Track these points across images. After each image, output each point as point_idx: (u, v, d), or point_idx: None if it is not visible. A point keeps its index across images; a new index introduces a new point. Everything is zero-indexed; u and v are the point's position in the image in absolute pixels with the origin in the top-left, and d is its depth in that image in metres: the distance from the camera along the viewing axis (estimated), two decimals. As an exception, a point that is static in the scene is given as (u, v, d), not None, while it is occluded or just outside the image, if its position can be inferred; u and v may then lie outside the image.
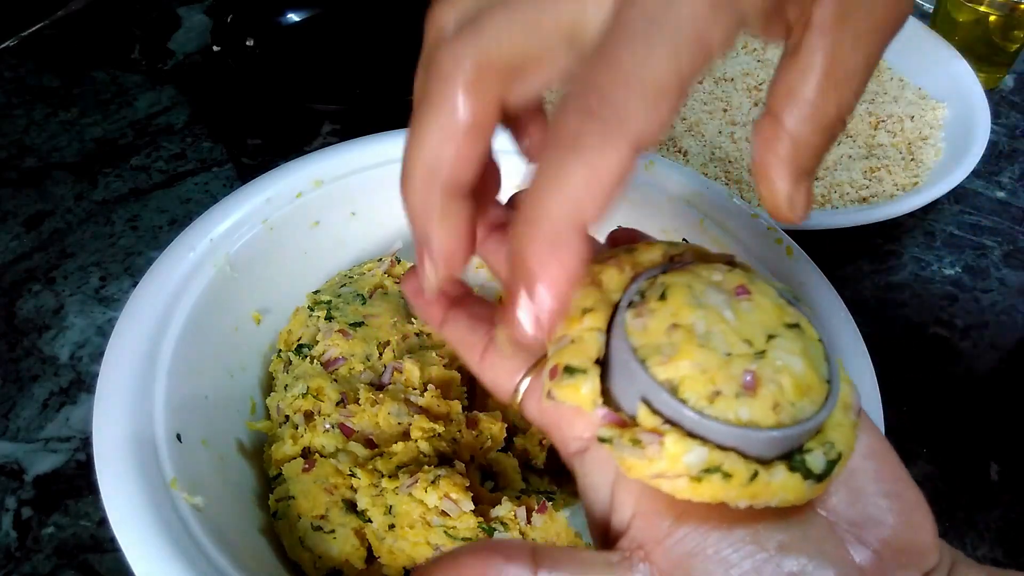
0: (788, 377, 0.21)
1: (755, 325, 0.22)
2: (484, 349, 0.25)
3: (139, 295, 0.38)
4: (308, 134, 0.67)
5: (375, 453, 0.38)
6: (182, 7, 0.81)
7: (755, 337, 0.22)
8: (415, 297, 0.27)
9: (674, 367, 0.21)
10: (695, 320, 0.21)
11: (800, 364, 0.21)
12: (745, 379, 0.21)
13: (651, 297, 0.23)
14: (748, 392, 0.21)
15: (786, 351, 0.21)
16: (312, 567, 0.35)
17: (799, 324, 0.22)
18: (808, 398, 0.21)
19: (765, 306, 0.22)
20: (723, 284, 0.23)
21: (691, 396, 0.21)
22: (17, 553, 0.42)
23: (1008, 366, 0.53)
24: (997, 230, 0.63)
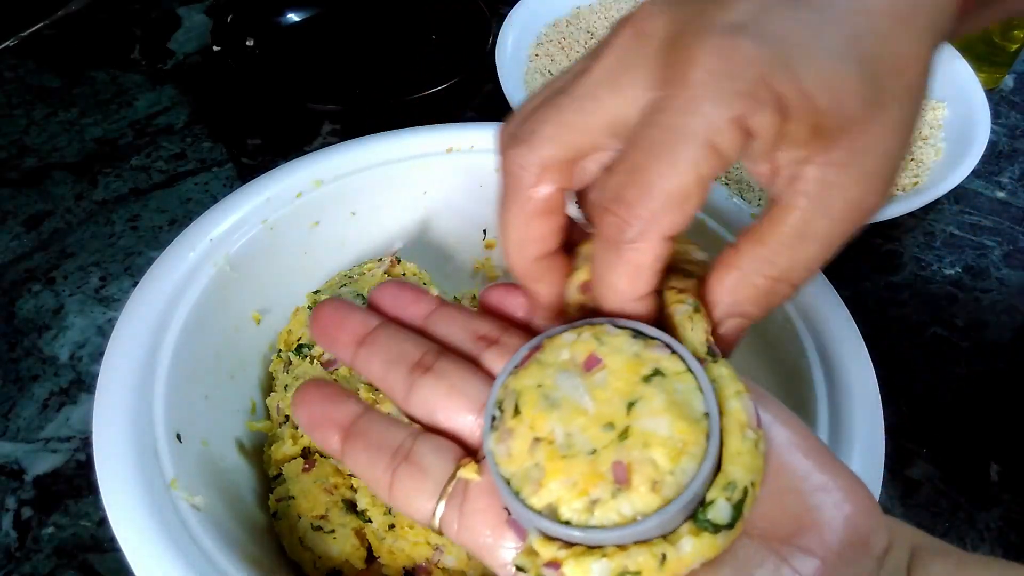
0: (658, 448, 0.21)
1: (613, 399, 0.22)
2: (391, 480, 0.25)
3: (139, 295, 0.38)
4: (308, 134, 0.67)
5: (375, 453, 0.38)
6: (182, 7, 0.80)
7: (616, 415, 0.22)
8: (310, 426, 0.27)
9: (546, 492, 0.21)
10: (553, 426, 0.22)
11: (666, 424, 0.21)
12: (616, 474, 0.21)
13: (507, 412, 0.23)
14: (623, 485, 0.21)
15: (649, 415, 0.22)
16: (312, 567, 0.35)
17: (658, 369, 0.23)
18: (687, 455, 0.21)
19: (618, 368, 0.23)
20: (572, 362, 0.23)
21: (571, 514, 0.21)
22: (17, 553, 0.42)
23: (1008, 366, 0.53)
24: (997, 230, 0.63)
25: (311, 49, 0.74)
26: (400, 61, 0.73)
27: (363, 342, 0.27)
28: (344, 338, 0.28)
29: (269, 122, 0.68)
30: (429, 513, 0.25)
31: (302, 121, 0.68)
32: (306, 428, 0.27)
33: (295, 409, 0.27)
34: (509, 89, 0.64)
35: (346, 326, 0.28)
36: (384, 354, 0.27)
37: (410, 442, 0.26)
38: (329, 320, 0.28)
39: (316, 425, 0.26)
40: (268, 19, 0.76)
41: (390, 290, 0.29)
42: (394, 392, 0.27)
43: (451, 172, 0.47)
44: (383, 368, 0.27)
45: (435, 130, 0.47)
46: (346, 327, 0.28)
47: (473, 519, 0.24)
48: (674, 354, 0.23)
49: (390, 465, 0.25)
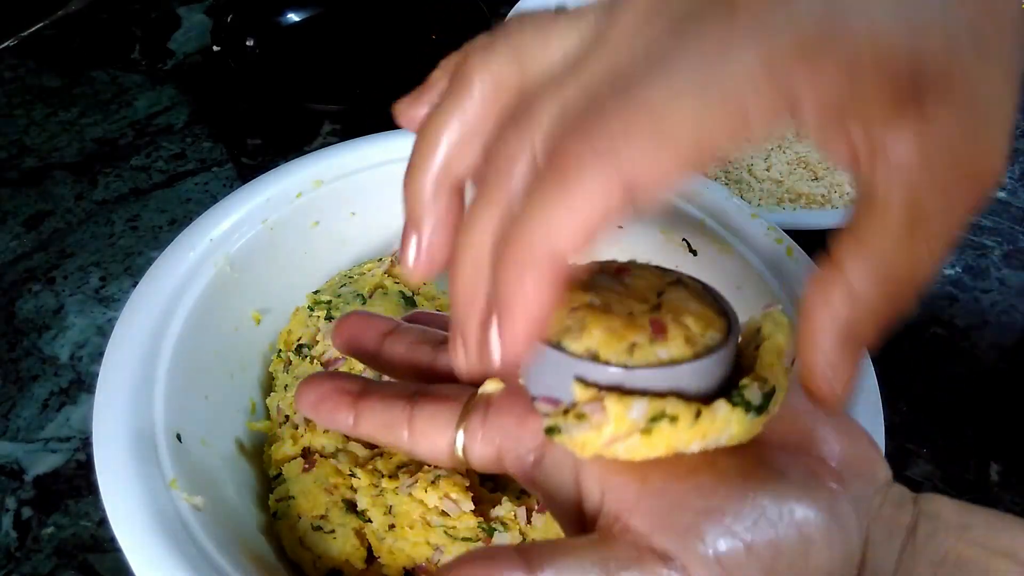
0: (689, 316, 0.23)
1: (644, 289, 0.24)
2: (409, 423, 0.25)
3: (139, 295, 0.38)
4: (308, 134, 0.67)
5: (375, 453, 0.38)
6: (182, 7, 0.80)
7: (648, 296, 0.23)
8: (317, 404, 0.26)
9: (588, 337, 0.22)
10: (590, 300, 0.23)
11: (695, 304, 0.23)
12: (654, 326, 0.22)
13: None
14: (660, 336, 0.22)
15: (679, 299, 0.23)
16: (312, 567, 0.35)
17: (680, 280, 0.25)
18: (713, 329, 0.23)
19: (646, 275, 0.24)
20: (605, 268, 0.25)
21: (612, 356, 0.22)
22: (17, 553, 0.42)
23: (1008, 366, 0.53)
24: (997, 230, 0.63)
25: (311, 49, 0.74)
26: (400, 61, 0.73)
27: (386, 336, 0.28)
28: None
29: (269, 122, 0.68)
30: (450, 442, 0.24)
31: (302, 121, 0.68)
32: (313, 408, 0.26)
33: (299, 398, 0.26)
34: (509, 89, 0.64)
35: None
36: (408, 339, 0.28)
37: (425, 388, 0.26)
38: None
39: (324, 399, 0.26)
40: (268, 19, 0.76)
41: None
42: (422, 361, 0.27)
43: (451, 172, 0.47)
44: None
45: (435, 130, 0.47)
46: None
47: (498, 420, 0.24)
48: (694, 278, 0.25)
49: (407, 406, 0.25)
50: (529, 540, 0.35)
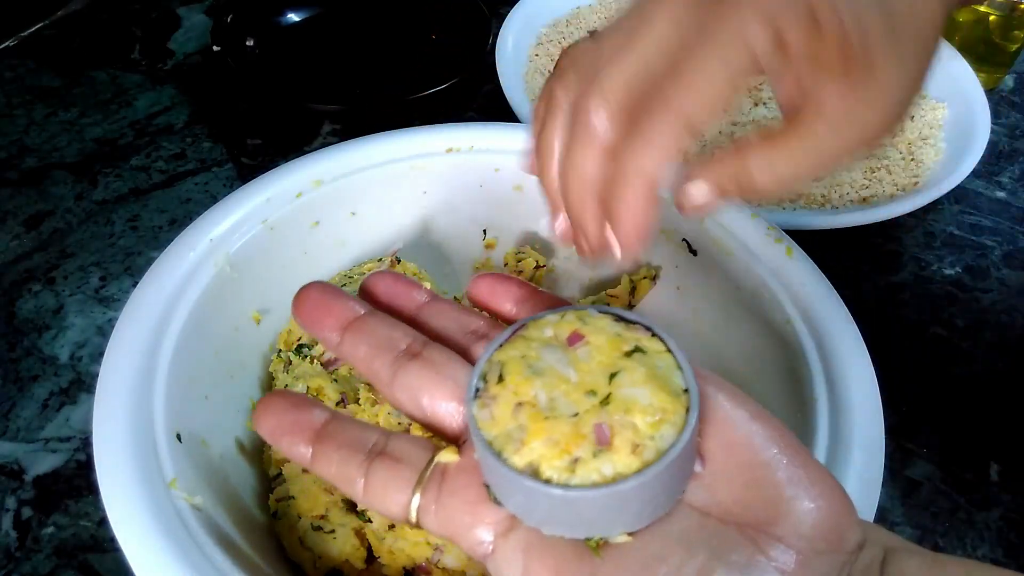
0: (639, 414, 0.22)
1: (595, 371, 0.23)
2: (365, 475, 0.24)
3: (139, 295, 0.38)
4: (308, 134, 0.67)
5: (375, 453, 0.38)
6: (182, 7, 0.81)
7: (598, 384, 0.22)
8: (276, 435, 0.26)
9: (528, 451, 0.22)
10: (536, 392, 0.22)
11: (647, 394, 0.22)
12: (598, 435, 0.21)
13: (491, 381, 0.23)
14: (604, 446, 0.21)
15: (630, 384, 0.22)
16: (312, 567, 0.36)
17: (638, 347, 0.23)
18: (668, 423, 0.22)
19: (601, 344, 0.23)
20: (556, 339, 0.24)
21: (554, 474, 0.21)
22: (17, 553, 0.42)
23: (1008, 366, 0.53)
24: (997, 230, 0.63)
25: (311, 49, 0.74)
26: (400, 61, 0.73)
27: (350, 327, 0.27)
28: (329, 322, 0.27)
29: (269, 122, 0.68)
30: (405, 505, 0.24)
31: (302, 121, 0.68)
32: (271, 437, 0.26)
33: (257, 421, 0.26)
34: (509, 89, 0.64)
35: (333, 310, 0.27)
36: (371, 340, 0.27)
37: (384, 440, 0.25)
38: (314, 304, 0.27)
39: (283, 432, 0.25)
40: (268, 19, 0.76)
41: (384, 280, 0.29)
42: (379, 377, 0.26)
43: (451, 172, 0.47)
44: (370, 353, 0.26)
45: (435, 130, 0.47)
46: (333, 311, 0.27)
47: (452, 500, 0.24)
48: (655, 336, 0.24)
49: (364, 461, 0.25)
50: (529, 540, 0.35)
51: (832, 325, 0.38)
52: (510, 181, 0.48)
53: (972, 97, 0.67)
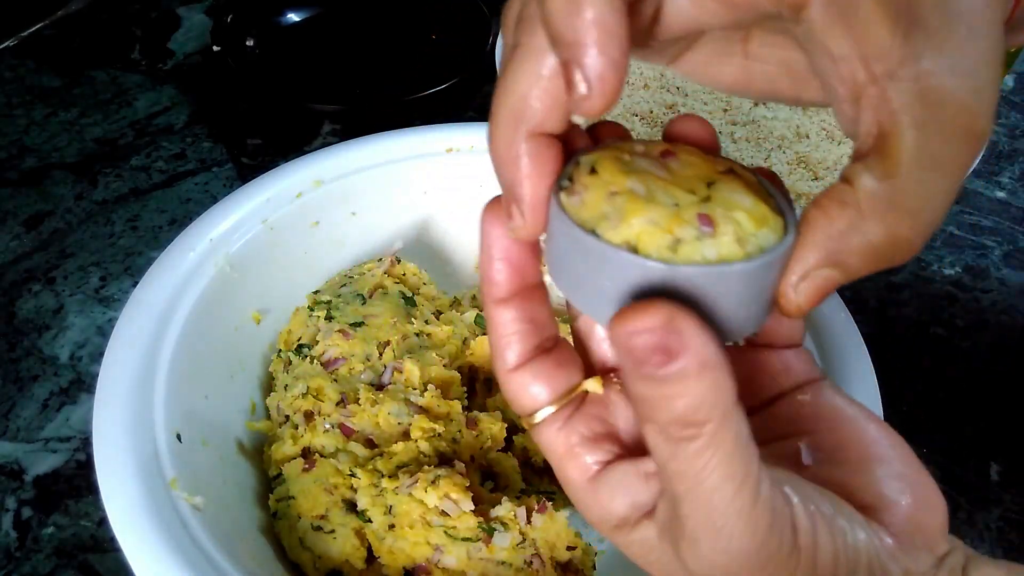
0: (741, 212, 0.20)
1: (691, 178, 0.21)
2: (522, 363, 0.24)
3: (139, 295, 0.38)
4: (308, 134, 0.67)
5: (375, 453, 0.38)
6: (182, 7, 0.81)
7: (696, 186, 0.21)
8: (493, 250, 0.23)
9: (627, 227, 0.20)
10: (632, 184, 0.20)
11: (748, 199, 0.20)
12: (701, 220, 0.20)
13: (580, 175, 0.21)
14: (708, 233, 0.19)
15: (730, 191, 0.21)
16: (312, 567, 0.35)
17: (732, 169, 0.22)
18: (768, 227, 0.20)
19: (694, 161, 0.22)
20: (648, 151, 0.22)
21: (653, 251, 0.19)
22: (17, 553, 0.42)
23: (1008, 366, 0.53)
24: (997, 230, 0.63)
25: (311, 49, 0.74)
26: (400, 61, 0.73)
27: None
28: None
29: (269, 122, 0.68)
30: (537, 407, 0.24)
31: (302, 121, 0.68)
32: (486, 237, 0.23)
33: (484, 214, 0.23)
34: (509, 89, 0.64)
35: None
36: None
37: (553, 342, 0.24)
38: None
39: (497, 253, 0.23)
40: (268, 19, 0.76)
41: None
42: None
43: (451, 172, 0.47)
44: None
45: (435, 130, 0.47)
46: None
47: (571, 434, 0.24)
48: (746, 167, 0.22)
49: (532, 352, 0.24)
50: (529, 540, 0.35)
51: (832, 325, 0.38)
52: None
53: (972, 97, 0.67)
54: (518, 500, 0.36)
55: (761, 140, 0.65)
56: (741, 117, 0.67)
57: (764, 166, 0.62)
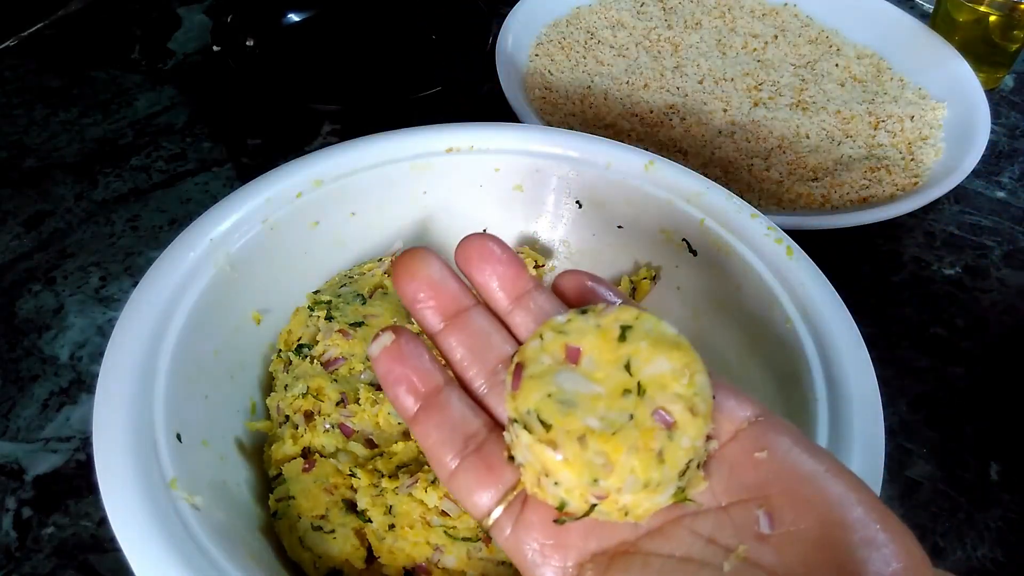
0: (673, 382, 0.24)
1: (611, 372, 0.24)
2: (455, 469, 0.25)
3: (139, 295, 0.38)
4: (308, 134, 0.67)
5: (375, 453, 0.38)
6: (182, 7, 0.81)
7: (624, 381, 0.24)
8: (388, 381, 0.26)
9: (621, 470, 0.23)
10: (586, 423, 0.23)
11: (665, 362, 0.24)
12: (662, 422, 0.23)
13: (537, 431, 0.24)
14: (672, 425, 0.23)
15: (647, 364, 0.24)
16: (312, 567, 0.35)
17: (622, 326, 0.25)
18: (697, 372, 0.24)
19: (594, 345, 0.25)
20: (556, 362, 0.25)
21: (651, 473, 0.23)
22: (17, 553, 0.42)
23: (1008, 366, 0.53)
24: (997, 230, 0.63)
25: (311, 49, 0.74)
26: (400, 61, 0.73)
27: (453, 320, 0.27)
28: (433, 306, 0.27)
29: (269, 122, 0.68)
30: (484, 512, 0.25)
31: (302, 121, 0.68)
32: (383, 379, 0.26)
33: (376, 357, 0.26)
34: (509, 89, 0.64)
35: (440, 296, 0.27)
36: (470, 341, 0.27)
37: (484, 434, 0.26)
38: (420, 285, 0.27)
39: (395, 382, 0.26)
40: (268, 19, 0.76)
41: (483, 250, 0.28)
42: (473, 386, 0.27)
43: (451, 172, 0.47)
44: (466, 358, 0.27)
45: (435, 130, 0.47)
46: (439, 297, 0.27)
47: (527, 532, 0.24)
48: (618, 305, 0.26)
49: (460, 452, 0.25)
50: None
51: (832, 325, 0.38)
52: (510, 181, 0.48)
53: (972, 97, 0.67)
54: (518, 500, 0.36)
55: (761, 140, 0.65)
56: (741, 117, 0.67)
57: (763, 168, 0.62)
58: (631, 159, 0.46)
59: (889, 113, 0.68)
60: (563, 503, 0.24)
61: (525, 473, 0.24)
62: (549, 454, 0.23)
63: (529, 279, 0.28)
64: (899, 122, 0.67)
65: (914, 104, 0.69)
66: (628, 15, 0.77)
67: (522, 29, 0.72)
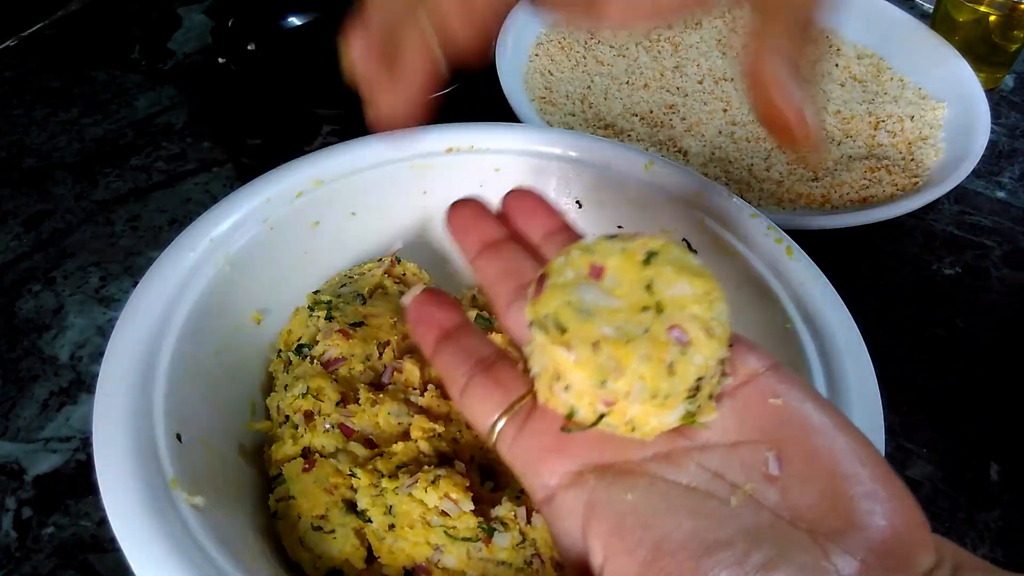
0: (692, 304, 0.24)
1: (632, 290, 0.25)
2: (465, 385, 0.27)
3: (139, 295, 0.38)
4: (308, 135, 0.67)
5: (375, 453, 0.38)
6: (182, 7, 0.81)
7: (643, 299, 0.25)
8: (414, 322, 0.28)
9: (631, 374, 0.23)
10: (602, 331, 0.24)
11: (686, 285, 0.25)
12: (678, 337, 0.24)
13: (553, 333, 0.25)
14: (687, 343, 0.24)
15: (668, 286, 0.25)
16: (312, 567, 0.35)
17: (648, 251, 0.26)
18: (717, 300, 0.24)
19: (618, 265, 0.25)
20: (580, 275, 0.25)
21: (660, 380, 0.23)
22: (17, 553, 0.42)
23: (1008, 367, 0.53)
24: (997, 230, 0.63)
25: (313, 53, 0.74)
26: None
27: (488, 247, 0.30)
28: (472, 239, 0.30)
29: (269, 122, 0.68)
30: (489, 424, 0.26)
31: (302, 122, 0.68)
32: (411, 324, 0.29)
33: (408, 304, 0.29)
34: (509, 89, 0.64)
35: (479, 227, 0.30)
36: (502, 264, 0.29)
37: (494, 358, 0.27)
38: (464, 220, 0.31)
39: (419, 322, 0.28)
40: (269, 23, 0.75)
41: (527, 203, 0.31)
42: (498, 300, 0.29)
43: (451, 172, 0.47)
44: (496, 276, 0.29)
45: (435, 130, 0.47)
46: (479, 228, 0.30)
47: (529, 439, 0.25)
48: (650, 236, 0.26)
49: (470, 370, 0.26)
50: (529, 540, 0.35)
51: (832, 325, 0.38)
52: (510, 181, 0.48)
53: (972, 97, 0.67)
54: (518, 500, 0.36)
55: (761, 140, 0.65)
56: (741, 117, 0.67)
57: (763, 168, 0.62)
58: (631, 159, 0.46)
59: (889, 113, 0.68)
60: (572, 411, 0.24)
61: (538, 381, 0.25)
62: (562, 355, 0.24)
63: (563, 222, 0.31)
64: (899, 122, 0.67)
65: (914, 104, 0.69)
66: (628, 15, 0.77)
67: (522, 29, 0.72)
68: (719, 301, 0.24)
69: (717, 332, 0.24)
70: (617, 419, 0.24)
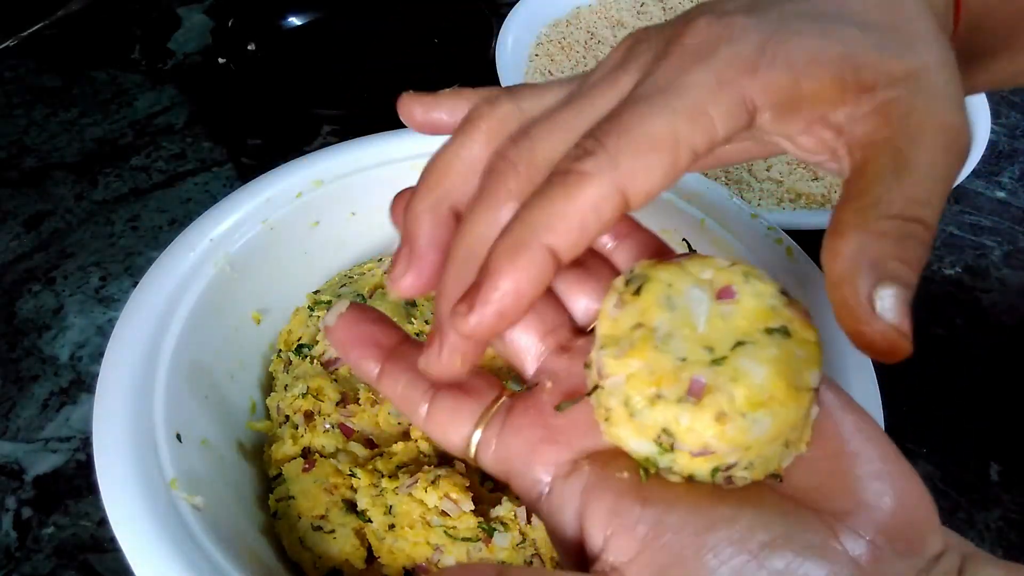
0: (743, 388, 0.20)
1: (726, 331, 0.22)
2: (429, 405, 0.24)
3: (139, 295, 0.38)
4: (308, 135, 0.67)
5: (375, 453, 0.38)
6: (182, 7, 0.81)
7: (720, 343, 0.21)
8: (347, 346, 0.25)
9: (624, 363, 0.21)
10: (659, 323, 0.22)
11: (762, 373, 0.21)
12: (692, 385, 0.21)
13: (629, 289, 0.23)
14: (692, 398, 0.20)
15: (750, 358, 0.21)
16: (312, 567, 0.35)
17: (786, 328, 0.22)
18: (767, 409, 0.20)
19: (748, 310, 0.22)
20: (711, 283, 0.23)
21: (635, 395, 0.21)
22: (17, 553, 0.42)
23: (1008, 366, 0.53)
24: (997, 230, 0.63)
25: (313, 53, 0.74)
26: (402, 66, 0.73)
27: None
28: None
29: (269, 122, 0.68)
30: (465, 438, 0.24)
31: (302, 122, 0.68)
32: (342, 347, 0.25)
33: (333, 330, 0.25)
34: (509, 89, 0.64)
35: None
36: None
37: None
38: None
39: (354, 344, 0.25)
40: (270, 23, 0.76)
41: None
42: None
43: (451, 172, 0.47)
44: None
45: (435, 130, 0.47)
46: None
47: (513, 439, 0.24)
48: (812, 326, 0.22)
49: (431, 388, 0.24)
50: (529, 540, 0.35)
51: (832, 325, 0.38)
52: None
53: (972, 97, 0.67)
54: (518, 500, 0.36)
55: (761, 140, 0.65)
56: (741, 117, 0.67)
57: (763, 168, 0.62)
58: (631, 159, 0.46)
59: (889, 113, 0.68)
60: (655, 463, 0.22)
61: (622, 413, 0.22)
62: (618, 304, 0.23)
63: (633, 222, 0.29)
64: (899, 122, 0.67)
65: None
66: (628, 15, 0.77)
67: (522, 29, 0.72)
68: (767, 414, 0.21)
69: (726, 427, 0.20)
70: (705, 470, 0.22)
